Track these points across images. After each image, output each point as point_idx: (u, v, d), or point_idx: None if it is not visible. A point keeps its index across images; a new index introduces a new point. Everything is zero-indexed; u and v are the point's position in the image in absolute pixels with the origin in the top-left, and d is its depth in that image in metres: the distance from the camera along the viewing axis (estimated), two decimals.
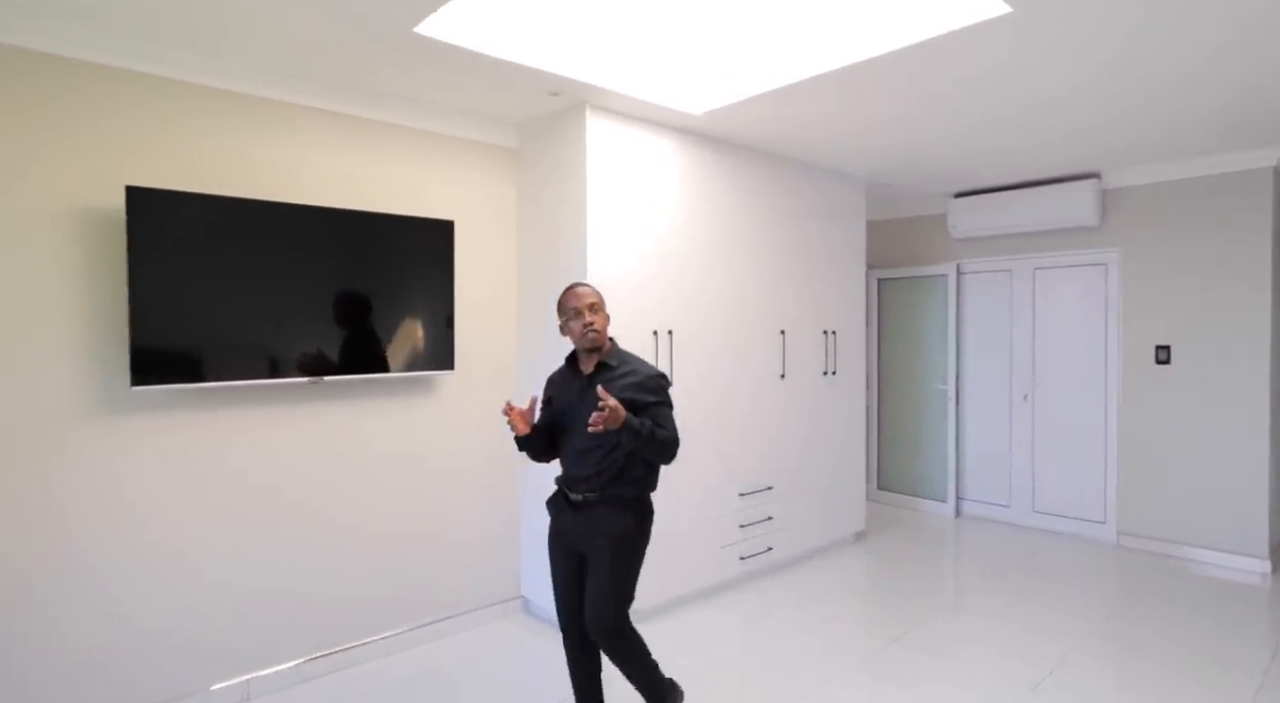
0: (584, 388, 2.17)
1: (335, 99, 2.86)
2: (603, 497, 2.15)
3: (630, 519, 2.15)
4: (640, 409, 2.09)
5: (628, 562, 2.16)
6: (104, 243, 2.38)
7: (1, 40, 2.19)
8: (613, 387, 2.10)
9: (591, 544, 2.16)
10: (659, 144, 3.35)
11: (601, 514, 2.15)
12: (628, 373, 2.16)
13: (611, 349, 2.21)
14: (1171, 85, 2.91)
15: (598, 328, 2.15)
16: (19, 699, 2.26)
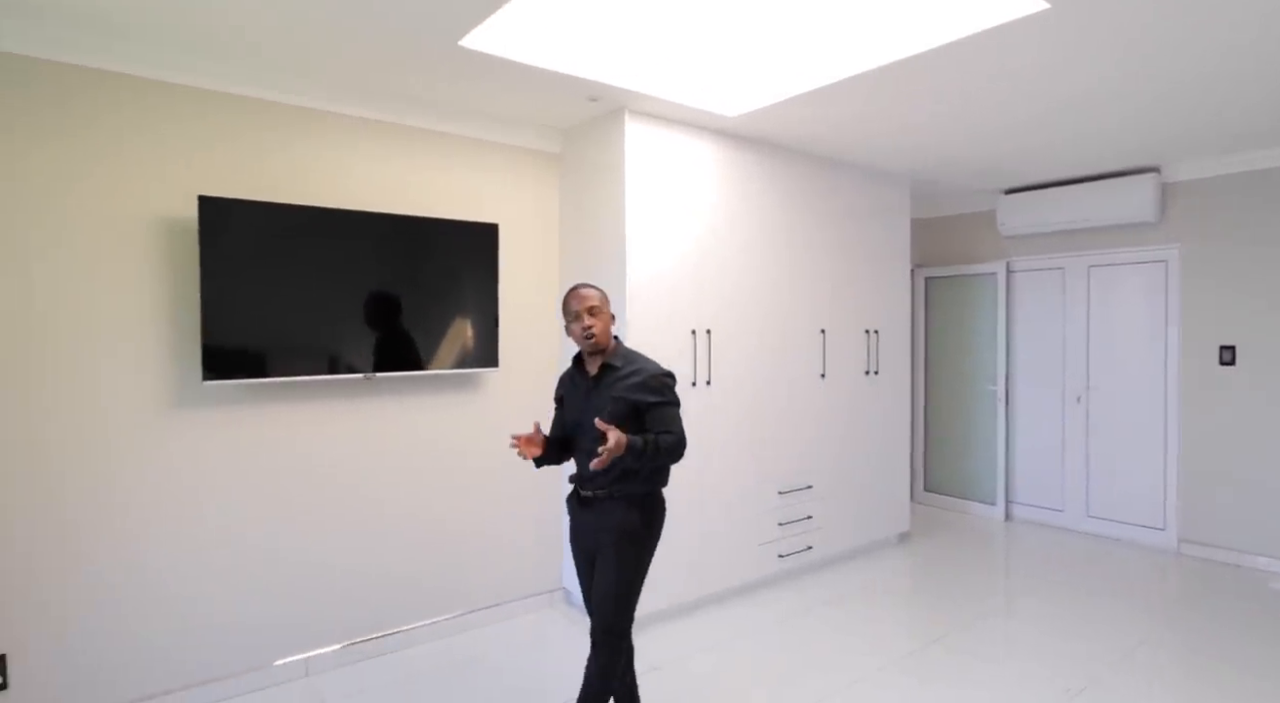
0: (590, 389, 2.19)
1: (386, 109, 3.02)
2: (611, 494, 2.15)
3: (636, 516, 2.13)
4: (644, 410, 2.09)
5: (633, 558, 2.13)
6: (179, 249, 2.58)
7: (89, 63, 2.41)
8: (616, 388, 2.12)
9: (599, 540, 2.16)
10: (696, 146, 3.41)
11: (609, 510, 2.15)
12: (632, 373, 2.14)
13: (616, 349, 2.20)
14: (1232, 72, 2.82)
15: (596, 332, 2.15)
16: (104, 662, 2.47)
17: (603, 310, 2.18)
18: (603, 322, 2.17)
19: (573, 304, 2.17)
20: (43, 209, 2.35)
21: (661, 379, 2.14)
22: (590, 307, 2.16)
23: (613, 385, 2.13)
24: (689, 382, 3.37)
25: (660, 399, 2.11)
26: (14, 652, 2.31)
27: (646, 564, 2.17)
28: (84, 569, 2.43)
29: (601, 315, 2.17)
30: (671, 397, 2.15)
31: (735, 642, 3.16)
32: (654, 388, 2.12)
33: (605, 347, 2.19)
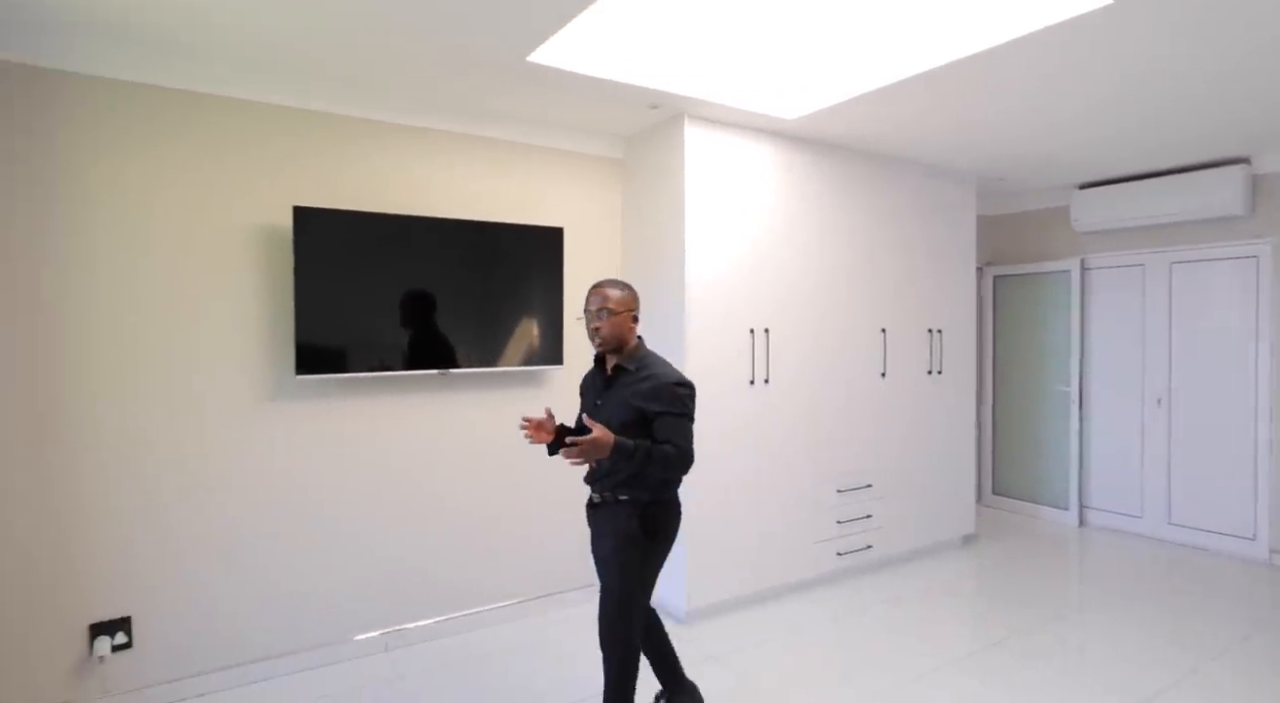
0: (602, 390, 2.19)
1: (459, 122, 3.21)
2: (616, 498, 2.12)
3: (636, 523, 2.08)
4: (651, 418, 2.04)
5: (634, 565, 2.09)
6: (274, 255, 2.82)
7: (201, 90, 2.68)
8: (625, 393, 2.09)
9: (600, 544, 2.16)
10: (755, 148, 3.47)
11: (612, 516, 2.13)
12: (644, 379, 2.09)
13: (633, 352, 2.17)
14: None
15: (603, 334, 2.13)
16: (211, 628, 2.74)
17: (617, 311, 2.13)
18: (613, 323, 2.13)
19: (588, 302, 2.16)
20: (161, 221, 2.63)
21: (673, 388, 2.07)
22: (600, 307, 2.13)
23: (625, 389, 2.11)
24: (747, 380, 3.44)
25: (666, 409, 2.04)
26: (138, 615, 2.60)
27: (650, 571, 2.13)
28: (195, 543, 2.70)
29: (615, 316, 2.13)
30: (679, 408, 2.06)
31: (791, 636, 3.21)
32: (663, 397, 2.05)
33: (616, 347, 2.16)
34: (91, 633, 2.53)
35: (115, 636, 2.55)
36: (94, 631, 2.53)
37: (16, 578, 2.41)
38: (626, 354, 2.16)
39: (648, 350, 2.21)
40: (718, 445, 3.36)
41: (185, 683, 2.67)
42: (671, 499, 2.18)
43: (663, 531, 2.13)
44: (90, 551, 2.53)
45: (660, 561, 2.16)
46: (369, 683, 2.81)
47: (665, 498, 2.15)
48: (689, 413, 2.08)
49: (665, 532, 2.14)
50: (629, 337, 2.17)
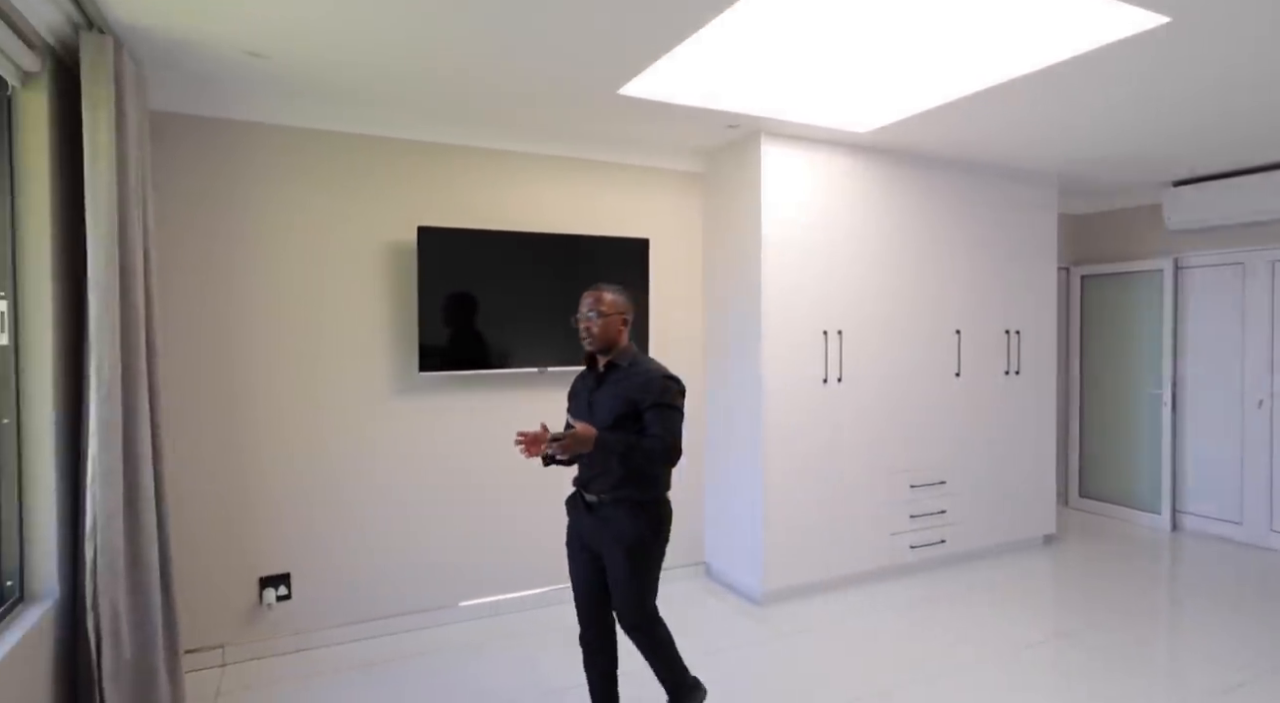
0: (594, 388, 2.25)
1: (556, 146, 3.58)
2: (615, 498, 2.17)
3: (643, 525, 2.16)
4: (642, 410, 2.12)
5: (645, 565, 2.18)
6: (401, 268, 3.28)
7: (347, 130, 3.16)
8: (617, 388, 2.16)
9: (607, 548, 2.18)
10: (827, 160, 3.67)
11: (613, 517, 2.17)
12: (635, 374, 2.16)
13: (623, 351, 2.23)
14: None
15: (593, 333, 2.19)
16: (352, 585, 3.21)
17: (608, 313, 2.19)
18: (604, 324, 2.19)
19: (581, 304, 2.23)
20: (311, 240, 3.13)
21: (663, 381, 2.13)
22: (593, 308, 2.20)
23: (616, 384, 2.17)
24: (819, 379, 3.65)
25: (655, 400, 2.10)
26: (295, 572, 3.10)
27: (658, 566, 2.23)
28: (338, 513, 3.19)
29: (606, 318, 2.19)
30: (668, 399, 2.11)
31: (860, 621, 3.40)
32: (653, 389, 2.11)
33: (606, 348, 2.22)
34: (260, 585, 3.04)
35: (279, 588, 3.06)
36: (262, 583, 3.05)
37: (208, 536, 2.94)
38: (617, 353, 2.22)
39: (639, 351, 2.28)
40: (791, 440, 3.58)
41: (330, 632, 3.16)
42: (666, 498, 2.24)
43: (666, 527, 2.22)
44: (259, 515, 3.05)
45: (664, 553, 2.24)
46: (484, 641, 3.21)
47: (661, 496, 2.22)
48: (677, 406, 2.14)
49: (667, 528, 2.23)
50: (619, 338, 2.23)
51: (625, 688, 2.43)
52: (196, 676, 2.83)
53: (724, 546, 3.88)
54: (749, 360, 3.60)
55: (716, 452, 3.92)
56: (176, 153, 2.87)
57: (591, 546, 2.25)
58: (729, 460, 3.81)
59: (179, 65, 2.58)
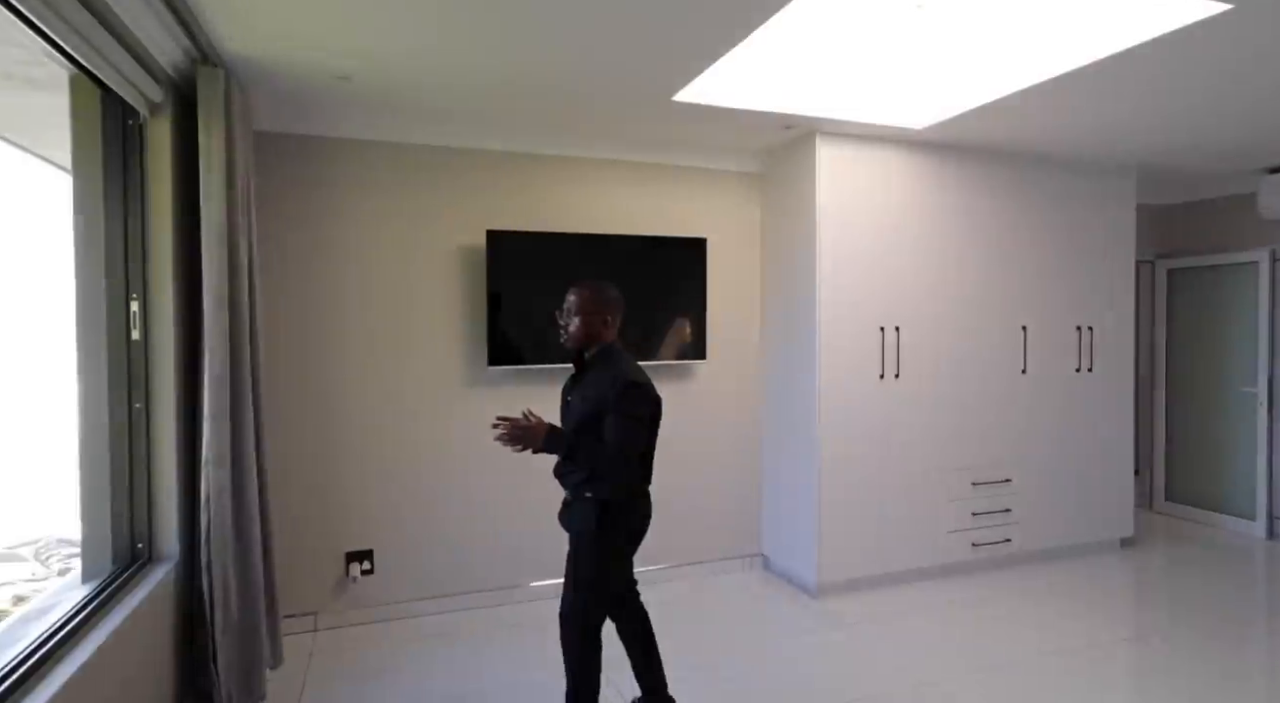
0: (571, 388, 2.30)
1: (615, 151, 3.74)
2: (577, 496, 2.23)
3: (592, 521, 2.17)
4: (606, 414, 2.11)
5: (588, 560, 2.19)
6: (472, 269, 3.51)
7: (428, 142, 3.42)
8: (591, 387, 2.18)
9: (570, 540, 2.27)
10: (883, 157, 3.68)
11: (573, 513, 2.25)
12: (604, 376, 2.15)
13: (601, 351, 2.22)
14: None
15: (569, 332, 2.23)
16: (427, 562, 3.47)
17: (586, 311, 2.20)
18: (582, 322, 2.20)
19: (564, 302, 2.27)
20: (392, 244, 3.40)
21: (621, 387, 2.09)
22: (570, 307, 2.23)
23: (588, 385, 2.19)
24: (876, 375, 3.67)
25: (613, 407, 2.08)
26: (378, 548, 3.38)
27: (607, 566, 2.22)
28: (416, 496, 3.45)
29: (582, 316, 2.20)
30: (622, 406, 2.08)
31: (915, 616, 3.41)
32: (612, 394, 2.09)
33: (582, 346, 2.23)
34: (346, 559, 3.34)
35: (363, 563, 3.36)
36: (348, 557, 3.34)
37: (302, 513, 3.25)
38: (594, 352, 2.23)
39: (619, 351, 2.24)
40: (847, 435, 3.62)
41: (408, 605, 3.43)
42: (631, 499, 2.24)
43: (621, 527, 2.21)
44: (346, 495, 3.34)
45: (622, 559, 2.27)
46: (551, 619, 3.41)
47: (620, 498, 2.20)
48: (633, 413, 2.10)
49: (623, 529, 2.22)
50: (599, 336, 2.22)
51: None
52: (293, 638, 3.14)
53: (780, 538, 3.95)
54: (805, 356, 3.65)
55: (773, 445, 3.99)
56: (276, 168, 3.19)
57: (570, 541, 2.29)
58: (785, 454, 3.88)
59: (278, 90, 2.87)
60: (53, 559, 3.23)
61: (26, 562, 3.25)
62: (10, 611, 2.64)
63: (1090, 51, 2.64)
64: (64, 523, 3.08)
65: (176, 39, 2.27)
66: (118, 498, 2.30)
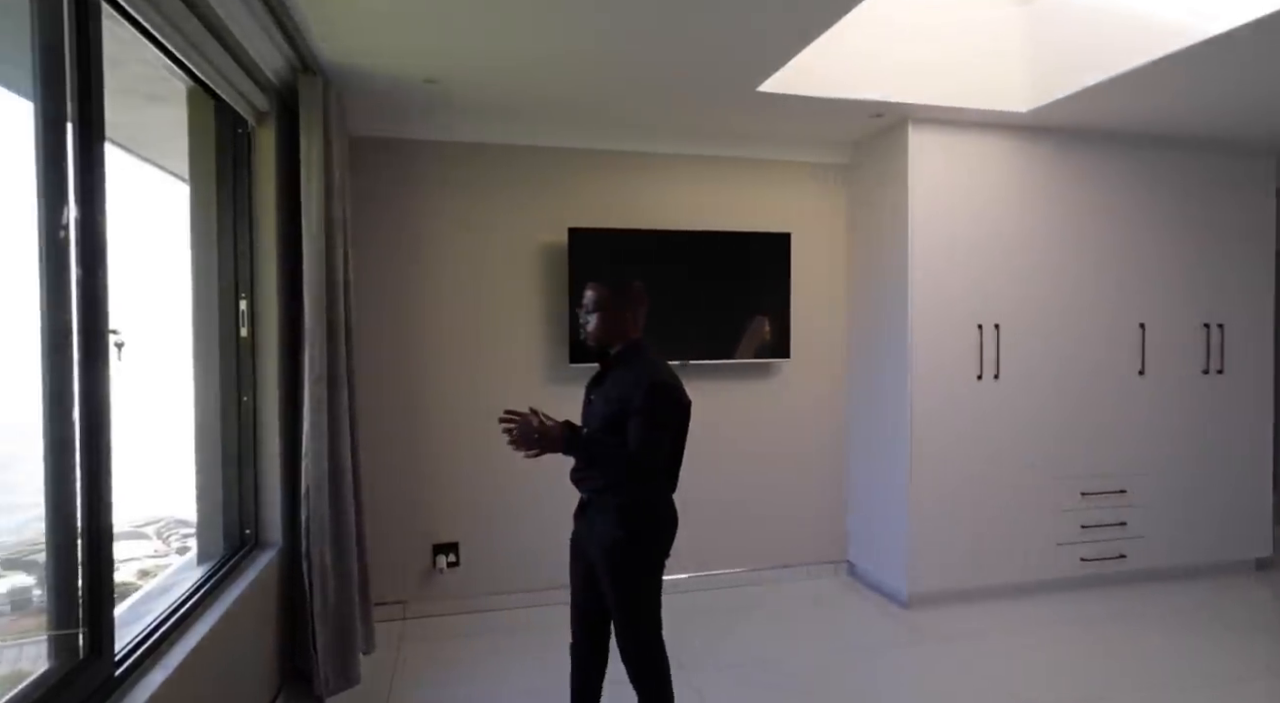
0: (594, 388, 2.14)
1: (698, 146, 3.68)
2: (597, 500, 2.06)
3: (620, 532, 1.96)
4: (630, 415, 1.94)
5: (626, 577, 1.98)
6: (554, 267, 3.54)
7: (512, 142, 3.47)
8: (613, 387, 2.02)
9: (592, 553, 2.05)
10: (983, 144, 3.46)
11: (595, 520, 2.05)
12: (628, 374, 2.00)
13: (625, 349, 2.07)
14: None
15: (589, 329, 2.09)
16: (509, 556, 3.53)
17: (604, 306, 2.07)
18: (603, 318, 2.06)
19: (582, 298, 2.15)
20: (475, 243, 3.47)
21: (649, 388, 1.92)
22: (585, 304, 2.11)
23: (611, 385, 2.04)
24: (974, 376, 3.46)
25: (638, 408, 1.91)
26: (464, 541, 3.46)
27: (649, 581, 2.01)
28: (499, 491, 3.51)
29: (600, 313, 2.06)
30: (647, 407, 1.91)
31: (1015, 633, 3.19)
32: (637, 395, 1.93)
33: (603, 343, 2.09)
34: (434, 551, 3.44)
35: (449, 555, 3.45)
36: (435, 549, 3.44)
37: (392, 505, 3.37)
38: (618, 350, 2.08)
39: (646, 349, 2.09)
40: (941, 439, 3.43)
41: (492, 598, 3.49)
42: (654, 500, 2.03)
43: (650, 534, 2.00)
44: (433, 489, 3.44)
45: (658, 564, 2.02)
46: None
47: (646, 499, 2.01)
48: (659, 416, 1.93)
49: (652, 535, 2.01)
50: (623, 333, 2.08)
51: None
52: (384, 625, 3.26)
53: (868, 545, 3.79)
54: (895, 355, 3.49)
55: (859, 448, 3.84)
56: (367, 170, 3.31)
57: (585, 550, 2.09)
58: (872, 457, 3.72)
59: (370, 94, 2.98)
60: (172, 538, 3.48)
61: (150, 540, 3.51)
62: (136, 584, 2.87)
63: (1247, 7, 2.29)
64: (181, 505, 3.31)
65: (280, 49, 2.38)
66: (228, 486, 2.44)
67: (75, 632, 1.43)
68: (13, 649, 1.70)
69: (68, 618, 1.42)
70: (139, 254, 3.10)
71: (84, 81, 1.45)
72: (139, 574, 3.11)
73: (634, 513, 1.99)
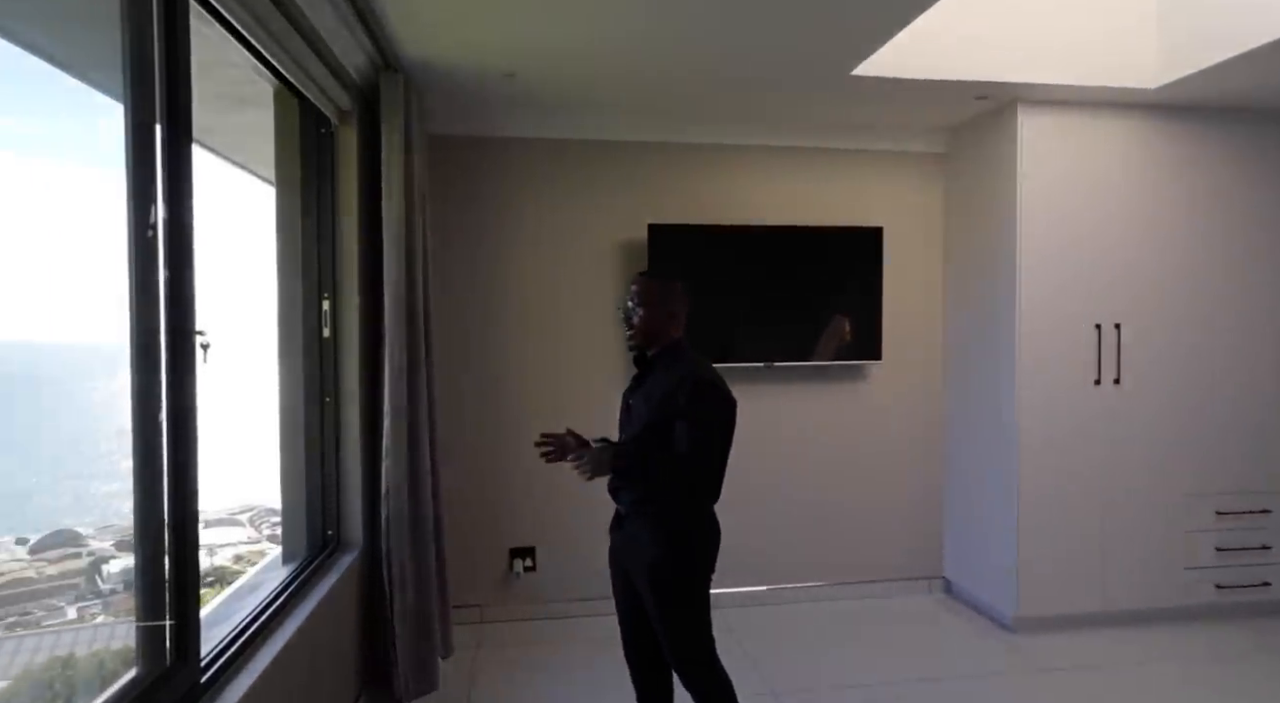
0: (633, 391, 2.01)
1: (784, 137, 3.51)
2: (638, 512, 1.92)
3: (662, 547, 1.85)
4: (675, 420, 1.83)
5: (674, 594, 1.87)
6: (634, 265, 3.42)
7: (587, 137, 3.39)
8: (655, 389, 1.90)
9: (635, 572, 1.94)
10: (1104, 125, 3.14)
11: (635, 535, 1.93)
12: (671, 375, 1.88)
13: (666, 349, 1.95)
14: None
15: (635, 326, 1.94)
16: (580, 565, 3.44)
17: (650, 301, 1.93)
18: (645, 316, 1.93)
19: (626, 296, 2.01)
20: (554, 241, 3.40)
21: (692, 388, 1.82)
22: (635, 299, 1.95)
23: (653, 387, 1.91)
24: (1090, 380, 3.15)
25: (685, 411, 1.81)
26: (540, 546, 3.40)
27: (697, 594, 1.89)
28: (577, 494, 3.41)
29: (647, 308, 1.93)
30: (695, 411, 1.81)
31: (1140, 666, 2.88)
32: (682, 397, 1.82)
33: (646, 342, 1.96)
34: (510, 555, 3.39)
35: (525, 560, 3.39)
36: (512, 554, 3.39)
37: (470, 507, 3.33)
38: (659, 350, 1.96)
39: (686, 350, 1.97)
40: (1053, 449, 3.14)
41: (568, 605, 3.41)
42: (698, 512, 1.92)
43: (696, 550, 1.90)
44: (510, 492, 3.39)
45: (704, 579, 1.91)
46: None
47: (689, 512, 1.90)
48: (708, 417, 1.82)
49: (698, 551, 1.91)
50: (666, 332, 1.95)
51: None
52: (462, 627, 3.22)
53: (968, 561, 3.52)
54: (1000, 358, 3.21)
55: (958, 457, 3.57)
56: (447, 169, 3.29)
57: (624, 564, 2.00)
58: (973, 468, 3.45)
59: (450, 90, 2.95)
60: (264, 525, 3.58)
61: (244, 527, 3.62)
62: (232, 567, 2.95)
63: None
64: (271, 495, 3.40)
65: (362, 45, 2.36)
66: (311, 487, 2.43)
67: (162, 624, 1.41)
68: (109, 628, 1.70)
69: (156, 611, 1.40)
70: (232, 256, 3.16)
71: (172, 81, 1.42)
72: (234, 559, 3.20)
73: (676, 527, 1.89)
